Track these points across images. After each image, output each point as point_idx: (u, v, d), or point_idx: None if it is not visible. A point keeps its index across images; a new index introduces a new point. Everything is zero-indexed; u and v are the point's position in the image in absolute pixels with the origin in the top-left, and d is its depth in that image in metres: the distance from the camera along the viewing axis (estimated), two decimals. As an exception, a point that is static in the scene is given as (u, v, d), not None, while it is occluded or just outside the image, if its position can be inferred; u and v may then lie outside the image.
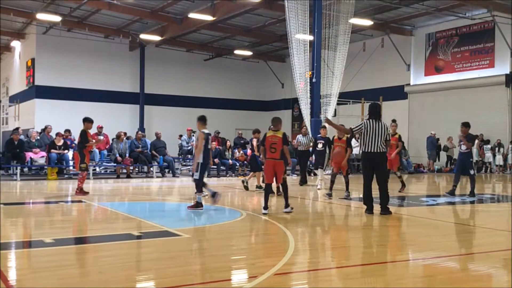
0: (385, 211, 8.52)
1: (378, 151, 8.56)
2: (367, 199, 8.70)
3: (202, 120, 9.32)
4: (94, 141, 12.07)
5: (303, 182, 15.16)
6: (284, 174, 8.92)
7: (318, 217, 9.16)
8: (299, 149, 15.96)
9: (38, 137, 18.09)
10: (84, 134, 11.51)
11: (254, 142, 13.79)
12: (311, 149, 15.62)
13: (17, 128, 20.36)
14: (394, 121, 13.62)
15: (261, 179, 12.86)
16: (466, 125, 11.93)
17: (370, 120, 8.70)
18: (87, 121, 11.73)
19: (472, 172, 11.83)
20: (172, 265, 5.24)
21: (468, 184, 12.33)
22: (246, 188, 12.89)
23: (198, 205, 9.03)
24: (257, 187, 12.94)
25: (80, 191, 11.45)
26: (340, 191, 11.85)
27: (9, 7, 23.39)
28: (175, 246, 6.31)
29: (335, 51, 21.07)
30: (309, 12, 19.79)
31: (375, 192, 8.73)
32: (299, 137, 16.01)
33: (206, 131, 9.17)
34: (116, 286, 4.39)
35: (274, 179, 8.93)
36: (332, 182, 11.48)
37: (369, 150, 8.59)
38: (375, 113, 8.82)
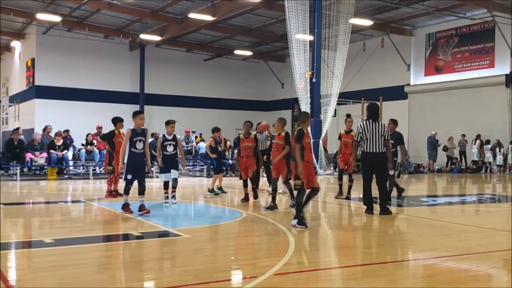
0: (385, 211, 8.51)
1: (377, 151, 8.52)
2: (367, 199, 8.68)
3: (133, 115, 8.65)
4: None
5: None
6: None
7: (318, 217, 9.14)
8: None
9: (41, 141, 18.04)
10: (109, 135, 11.03)
11: (212, 141, 12.46)
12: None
13: (17, 128, 20.36)
14: (280, 119, 11.95)
15: (216, 182, 12.11)
16: (394, 122, 10.85)
17: (368, 121, 8.66)
18: (119, 120, 10.97)
19: (391, 172, 10.30)
20: (172, 265, 5.24)
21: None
22: (223, 191, 12.11)
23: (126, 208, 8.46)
24: (209, 190, 11.92)
25: (110, 193, 11.06)
26: (339, 191, 11.79)
27: (9, 7, 23.40)
28: (175, 246, 6.31)
29: (335, 51, 21.07)
30: (309, 12, 19.79)
31: (375, 192, 8.72)
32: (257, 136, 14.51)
33: (132, 127, 8.41)
34: (116, 286, 4.39)
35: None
36: (274, 190, 9.37)
37: (368, 151, 8.56)
38: (374, 114, 8.79)
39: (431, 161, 24.37)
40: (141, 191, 8.42)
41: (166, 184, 10.11)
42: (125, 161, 8.40)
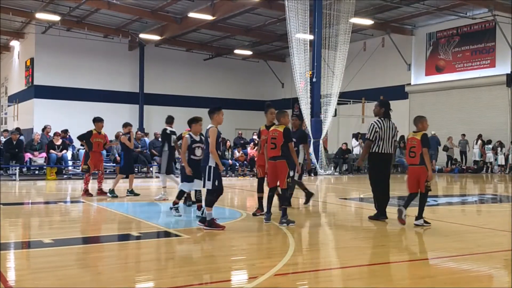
0: (380, 215, 8.02)
1: (389, 152, 7.95)
2: (385, 204, 8.02)
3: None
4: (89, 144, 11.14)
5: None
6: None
7: (318, 218, 9.12)
8: None
9: (40, 141, 18.01)
10: (87, 135, 11.16)
11: (124, 138, 11.36)
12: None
13: (18, 129, 20.38)
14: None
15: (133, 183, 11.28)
16: (299, 117, 9.78)
17: (382, 119, 7.97)
18: (96, 121, 11.25)
19: (291, 173, 8.47)
20: (172, 265, 5.21)
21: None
22: (135, 194, 11.34)
23: (214, 224, 7.03)
24: (128, 192, 11.33)
25: (85, 192, 11.18)
26: (341, 192, 11.79)
27: (8, 7, 23.36)
28: (174, 247, 6.29)
29: (336, 50, 21.04)
30: (309, 11, 19.77)
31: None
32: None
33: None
34: (115, 286, 4.36)
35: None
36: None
37: (381, 151, 7.87)
38: (388, 112, 8.08)
39: (433, 161, 24.33)
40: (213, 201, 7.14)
41: (181, 194, 8.37)
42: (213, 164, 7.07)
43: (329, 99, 20.83)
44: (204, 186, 7.14)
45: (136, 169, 19.81)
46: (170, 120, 10.97)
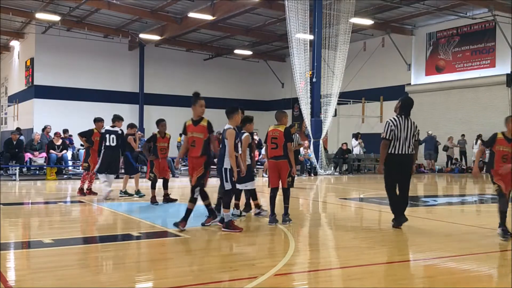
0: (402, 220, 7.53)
1: (407, 152, 7.34)
2: (397, 208, 7.50)
3: None
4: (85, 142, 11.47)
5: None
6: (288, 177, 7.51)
7: (318, 218, 9.13)
8: None
9: (40, 141, 18.01)
10: (89, 132, 11.35)
11: (131, 139, 11.44)
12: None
13: (18, 129, 20.37)
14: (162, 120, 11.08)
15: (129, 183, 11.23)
16: (243, 111, 8.22)
17: (398, 117, 7.42)
18: (97, 120, 11.49)
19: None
20: (172, 265, 5.21)
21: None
22: (129, 194, 11.23)
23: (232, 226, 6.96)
24: (122, 192, 11.26)
25: (81, 191, 11.32)
26: (341, 192, 11.79)
27: (8, 7, 23.35)
28: (174, 247, 6.29)
29: (336, 50, 21.05)
30: (309, 11, 19.78)
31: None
32: None
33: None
34: (115, 286, 4.36)
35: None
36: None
37: (398, 152, 7.31)
38: (407, 109, 7.50)
39: (432, 161, 24.33)
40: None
41: (254, 194, 8.41)
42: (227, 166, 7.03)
43: (329, 99, 20.84)
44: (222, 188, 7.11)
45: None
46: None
